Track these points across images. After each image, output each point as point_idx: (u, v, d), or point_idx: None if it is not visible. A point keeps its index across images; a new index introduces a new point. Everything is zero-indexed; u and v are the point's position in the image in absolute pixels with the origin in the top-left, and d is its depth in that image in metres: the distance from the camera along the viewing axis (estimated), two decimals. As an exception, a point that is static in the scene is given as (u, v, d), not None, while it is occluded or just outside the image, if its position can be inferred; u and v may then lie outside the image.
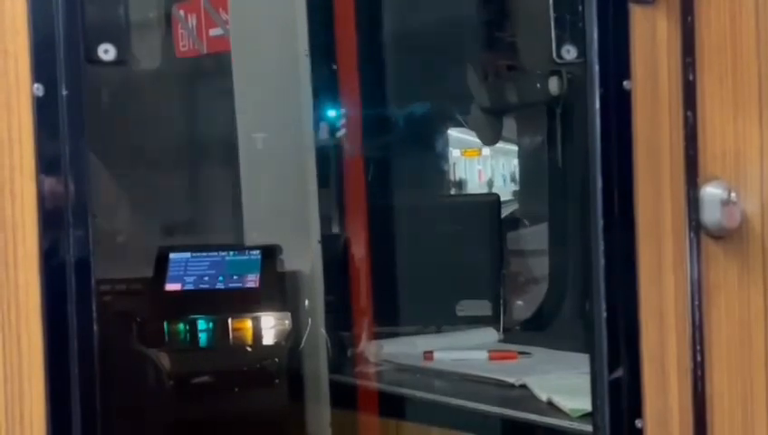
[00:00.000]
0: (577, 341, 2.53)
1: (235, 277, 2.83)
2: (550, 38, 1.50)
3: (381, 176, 3.31)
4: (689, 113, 1.45)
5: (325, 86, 2.97)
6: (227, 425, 2.62)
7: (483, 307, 2.91)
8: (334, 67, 2.89)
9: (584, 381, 1.53)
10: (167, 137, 3.62)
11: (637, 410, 1.46)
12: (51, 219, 1.38)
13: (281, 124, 2.82)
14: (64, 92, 1.38)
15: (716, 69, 1.46)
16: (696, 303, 1.45)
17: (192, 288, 2.82)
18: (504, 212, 3.45)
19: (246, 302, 2.79)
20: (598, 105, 1.46)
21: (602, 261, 1.45)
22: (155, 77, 3.27)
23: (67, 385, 1.38)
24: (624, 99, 1.45)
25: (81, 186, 1.39)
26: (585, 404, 1.83)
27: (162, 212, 3.42)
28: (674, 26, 1.46)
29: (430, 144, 4.27)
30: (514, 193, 5.53)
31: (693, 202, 1.45)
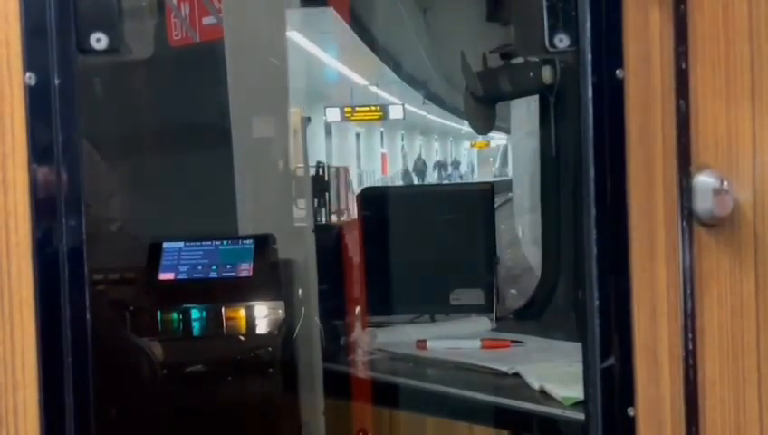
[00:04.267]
0: (569, 330, 2.54)
1: (228, 266, 2.83)
2: (543, 26, 1.49)
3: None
4: (682, 102, 1.46)
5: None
6: (221, 414, 2.62)
7: (476, 296, 2.92)
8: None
9: (576, 370, 1.54)
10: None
11: (629, 399, 1.46)
12: (43, 208, 1.38)
13: (274, 112, 2.81)
14: (56, 81, 1.38)
15: (709, 58, 1.46)
16: (688, 291, 1.45)
17: (185, 277, 2.82)
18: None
19: (240, 291, 2.79)
20: (590, 94, 1.46)
21: (594, 250, 1.46)
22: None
23: (60, 374, 1.38)
24: (617, 87, 1.46)
25: (73, 175, 1.39)
26: (577, 393, 1.84)
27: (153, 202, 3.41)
28: (667, 15, 1.46)
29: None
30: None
31: (685, 191, 1.46)
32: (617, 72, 1.46)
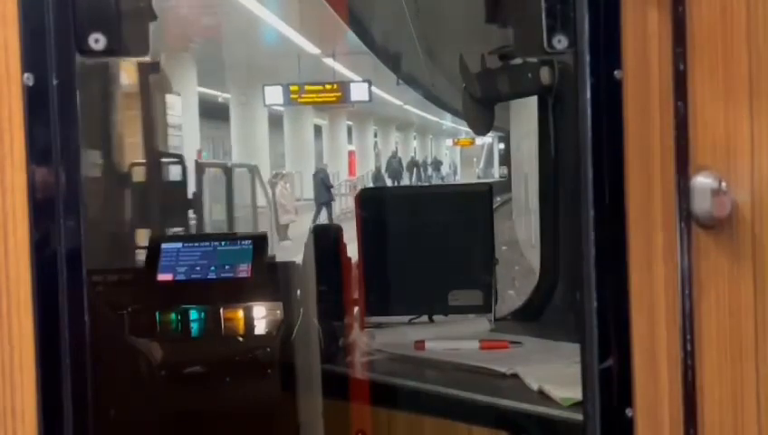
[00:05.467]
0: (568, 330, 2.54)
1: (226, 267, 2.83)
2: (541, 27, 1.49)
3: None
4: (680, 103, 1.46)
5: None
6: (219, 415, 2.62)
7: (475, 297, 2.91)
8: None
9: (575, 371, 1.54)
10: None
11: (627, 400, 1.46)
12: (42, 210, 1.38)
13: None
14: (55, 82, 1.38)
15: (707, 59, 1.46)
16: (687, 292, 1.46)
17: (184, 278, 2.82)
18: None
19: (238, 292, 2.79)
20: (589, 95, 1.46)
21: (593, 251, 1.46)
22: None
23: (58, 376, 1.38)
24: (615, 89, 1.46)
25: (72, 176, 1.39)
26: (576, 393, 1.84)
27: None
28: (665, 16, 1.46)
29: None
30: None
31: (683, 192, 1.46)
32: (615, 73, 1.46)
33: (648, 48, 1.46)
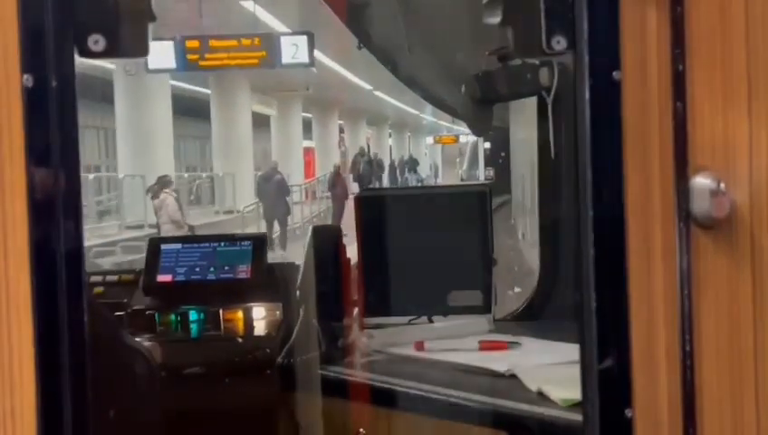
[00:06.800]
0: (567, 331, 2.54)
1: (226, 268, 2.83)
2: (540, 28, 1.50)
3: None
4: (679, 104, 1.46)
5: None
6: (218, 416, 2.63)
7: (474, 297, 2.92)
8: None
9: (574, 371, 1.54)
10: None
11: (626, 400, 1.46)
12: (41, 211, 1.38)
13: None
14: (54, 83, 1.38)
15: (706, 59, 1.47)
16: (686, 292, 1.46)
17: (183, 279, 2.82)
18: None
19: (238, 292, 2.79)
20: (588, 96, 1.46)
21: (592, 251, 1.46)
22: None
23: (58, 377, 1.38)
24: (614, 89, 1.46)
25: (71, 177, 1.39)
26: (575, 394, 1.84)
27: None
28: (663, 17, 1.46)
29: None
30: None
31: (682, 192, 1.46)
32: (614, 73, 1.46)
33: (646, 49, 1.46)
